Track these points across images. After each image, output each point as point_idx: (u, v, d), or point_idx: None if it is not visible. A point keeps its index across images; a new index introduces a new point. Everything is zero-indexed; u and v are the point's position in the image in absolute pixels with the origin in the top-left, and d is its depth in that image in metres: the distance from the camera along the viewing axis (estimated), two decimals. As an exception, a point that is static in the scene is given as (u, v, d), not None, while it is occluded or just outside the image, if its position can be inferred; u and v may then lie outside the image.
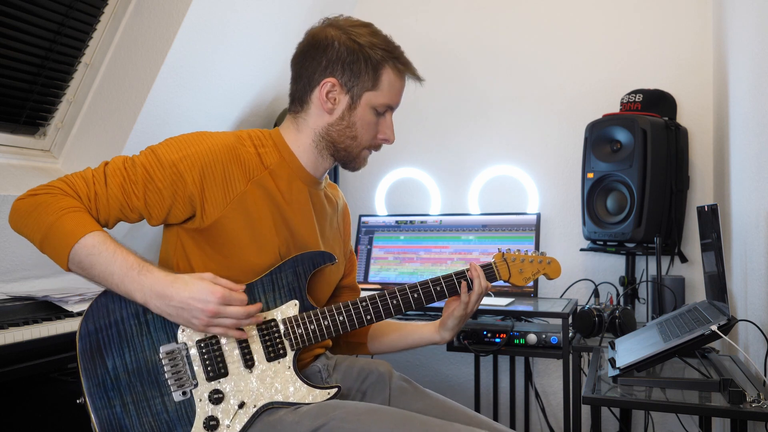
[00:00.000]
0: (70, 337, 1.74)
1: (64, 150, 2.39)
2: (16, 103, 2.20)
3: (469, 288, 1.49)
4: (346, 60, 1.38)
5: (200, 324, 1.25)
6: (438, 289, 1.48)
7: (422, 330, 1.59)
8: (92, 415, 1.25)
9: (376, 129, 1.44)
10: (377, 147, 1.48)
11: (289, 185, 1.42)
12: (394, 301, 1.44)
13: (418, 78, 1.47)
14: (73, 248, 1.22)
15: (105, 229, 1.30)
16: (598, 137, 2.55)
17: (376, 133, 1.45)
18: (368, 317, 1.42)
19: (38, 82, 2.22)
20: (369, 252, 2.84)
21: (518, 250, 1.59)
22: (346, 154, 1.45)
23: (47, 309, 1.87)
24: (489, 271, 1.53)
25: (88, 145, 2.38)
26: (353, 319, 1.41)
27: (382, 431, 1.22)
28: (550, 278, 1.62)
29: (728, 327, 1.52)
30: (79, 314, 1.85)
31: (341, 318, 1.40)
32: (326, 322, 1.39)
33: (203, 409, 1.28)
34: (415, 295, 1.46)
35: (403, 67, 1.43)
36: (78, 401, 1.26)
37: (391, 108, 1.45)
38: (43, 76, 2.22)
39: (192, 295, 1.23)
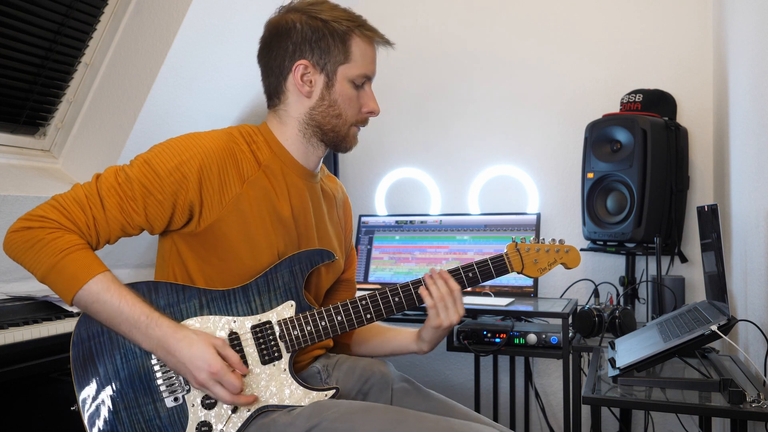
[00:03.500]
0: (69, 337, 1.74)
1: (64, 150, 2.39)
2: (16, 103, 2.20)
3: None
4: (312, 38, 1.36)
5: (194, 384, 1.25)
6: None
7: (403, 337, 1.53)
8: (85, 423, 1.24)
9: (359, 103, 1.41)
10: (364, 122, 1.45)
11: (284, 181, 1.39)
12: (396, 299, 1.38)
13: (387, 42, 1.43)
14: (77, 294, 1.23)
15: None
16: (598, 137, 2.55)
17: (360, 107, 1.42)
18: (368, 316, 1.37)
19: (38, 82, 2.22)
20: (369, 252, 2.84)
21: (533, 239, 1.47)
22: (335, 134, 1.41)
23: (47, 309, 1.86)
24: (500, 262, 1.43)
25: (88, 145, 2.38)
26: (352, 318, 1.36)
27: (375, 430, 1.20)
28: (568, 267, 1.48)
29: (728, 327, 1.52)
30: (78, 314, 1.84)
31: (339, 318, 1.35)
32: (323, 323, 1.34)
33: (195, 414, 1.26)
34: (419, 291, 1.39)
35: (371, 33, 1.40)
36: (72, 408, 1.26)
37: (368, 78, 1.42)
38: (43, 76, 2.22)
39: (192, 358, 1.22)
